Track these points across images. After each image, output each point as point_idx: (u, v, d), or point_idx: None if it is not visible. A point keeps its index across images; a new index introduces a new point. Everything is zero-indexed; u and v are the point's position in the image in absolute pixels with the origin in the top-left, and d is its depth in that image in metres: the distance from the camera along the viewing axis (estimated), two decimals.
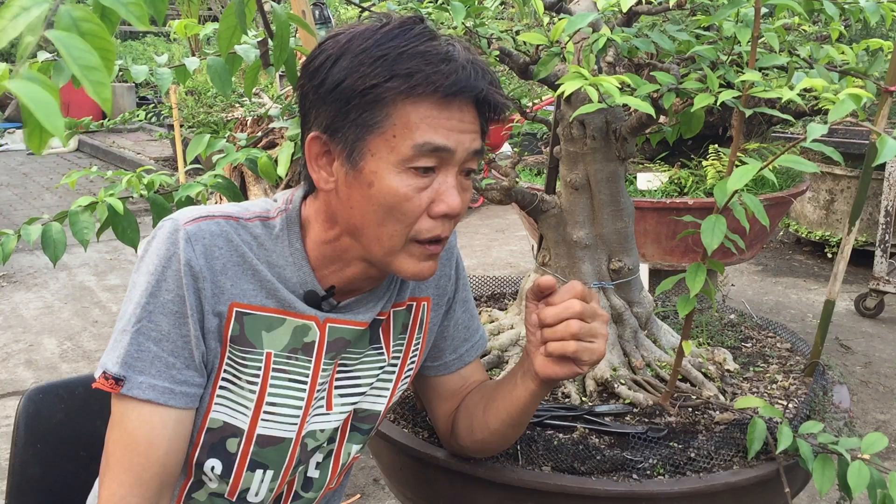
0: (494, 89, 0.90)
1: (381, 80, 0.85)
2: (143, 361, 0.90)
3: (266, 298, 0.95)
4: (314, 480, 1.09)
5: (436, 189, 0.90)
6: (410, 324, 1.10)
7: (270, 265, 0.96)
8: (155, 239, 0.93)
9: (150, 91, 8.10)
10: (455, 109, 0.88)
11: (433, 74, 0.85)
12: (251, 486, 1.01)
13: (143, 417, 0.90)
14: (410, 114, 0.87)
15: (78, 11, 0.51)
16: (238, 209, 0.98)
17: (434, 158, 0.88)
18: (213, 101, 4.80)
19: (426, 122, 0.87)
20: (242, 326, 0.95)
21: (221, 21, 1.04)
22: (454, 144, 0.88)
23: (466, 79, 0.87)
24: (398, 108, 0.86)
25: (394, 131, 0.87)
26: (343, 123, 0.88)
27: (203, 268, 0.91)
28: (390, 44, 0.86)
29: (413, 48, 0.86)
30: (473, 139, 0.91)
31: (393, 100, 0.86)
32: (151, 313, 0.90)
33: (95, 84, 0.49)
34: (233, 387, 0.96)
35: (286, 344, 0.97)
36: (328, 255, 0.97)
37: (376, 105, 0.86)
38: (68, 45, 0.49)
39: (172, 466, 0.93)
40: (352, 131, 0.88)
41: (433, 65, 0.86)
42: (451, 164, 0.90)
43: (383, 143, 0.87)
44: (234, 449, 0.98)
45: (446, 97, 0.87)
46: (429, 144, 0.87)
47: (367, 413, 1.08)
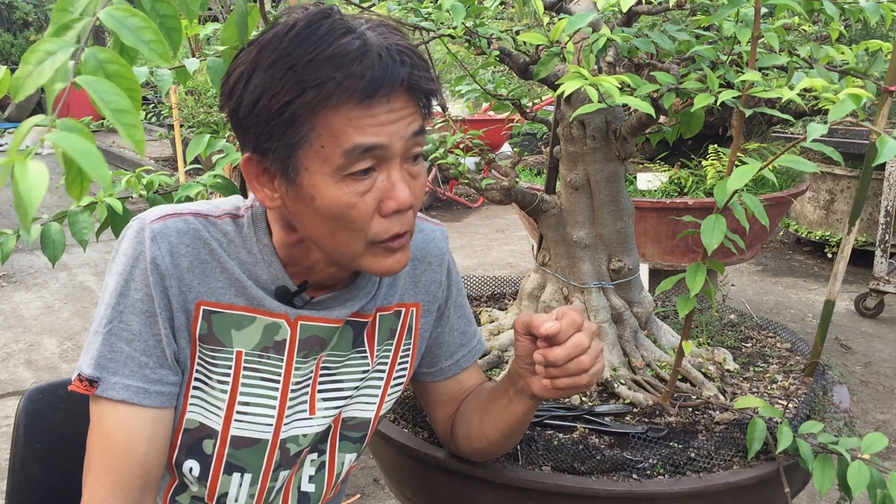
0: (417, 73, 0.84)
1: (293, 97, 0.80)
2: (115, 362, 0.90)
3: (235, 296, 0.94)
4: (310, 495, 1.07)
5: (380, 188, 0.86)
6: (398, 330, 1.08)
7: (241, 262, 0.95)
8: (123, 239, 0.92)
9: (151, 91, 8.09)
10: (382, 104, 0.83)
11: (345, 80, 0.80)
12: (229, 490, 0.99)
13: (120, 418, 0.90)
14: (333, 121, 0.82)
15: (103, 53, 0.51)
16: (208, 206, 0.97)
17: (370, 159, 0.84)
18: (213, 101, 4.80)
19: (351, 125, 0.82)
20: (210, 325, 0.94)
21: (223, 30, 1.04)
22: (386, 139, 0.84)
23: (383, 73, 0.81)
24: (319, 119, 0.82)
25: (321, 142, 0.83)
26: (269, 144, 0.84)
27: (169, 265, 0.91)
28: (297, 51, 0.81)
29: (321, 52, 0.80)
30: (409, 123, 0.86)
31: (311, 113, 0.82)
32: (122, 313, 0.90)
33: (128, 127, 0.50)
34: (205, 386, 0.96)
35: (257, 342, 0.96)
36: (295, 255, 0.95)
37: (296, 121, 0.82)
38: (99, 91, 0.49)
39: (153, 467, 0.92)
40: (280, 150, 0.84)
41: (344, 68, 0.80)
42: (390, 157, 0.85)
43: (314, 155, 0.83)
44: (209, 450, 0.97)
45: (365, 98, 0.81)
46: (359, 147, 0.82)
47: (355, 420, 1.07)
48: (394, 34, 0.84)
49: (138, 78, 1.32)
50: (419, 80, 0.84)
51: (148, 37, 0.54)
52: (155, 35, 0.54)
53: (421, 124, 0.88)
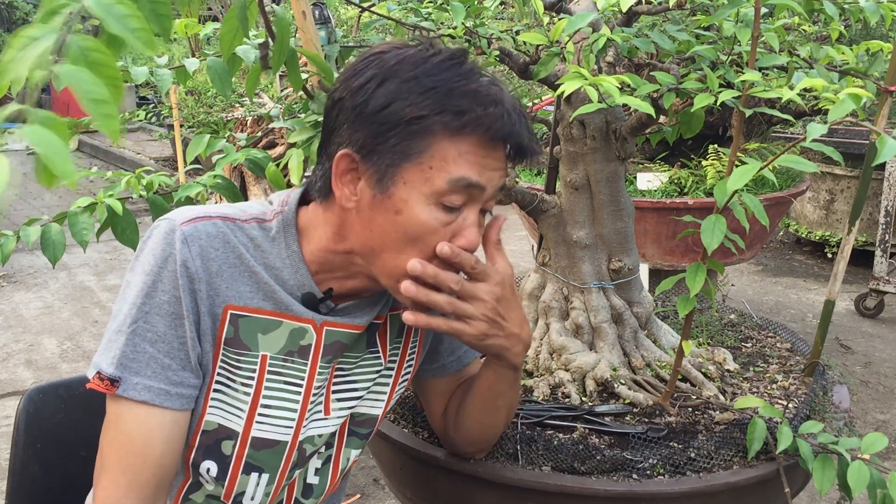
0: (531, 137, 0.92)
1: (430, 112, 0.86)
2: (138, 362, 0.90)
3: (263, 301, 0.95)
4: (314, 487, 1.09)
5: (459, 224, 0.91)
6: (407, 327, 1.10)
7: (268, 267, 0.95)
8: (151, 238, 0.92)
9: (150, 91, 8.10)
10: (495, 150, 0.90)
11: (484, 116, 0.86)
12: (246, 489, 1.00)
13: (139, 418, 0.90)
14: (450, 149, 0.87)
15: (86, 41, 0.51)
16: (235, 210, 0.97)
17: (465, 195, 0.89)
18: (213, 101, 4.80)
19: (465, 157, 0.88)
20: (237, 329, 0.94)
21: (223, 23, 1.04)
22: (486, 182, 0.90)
23: (511, 125, 0.88)
24: (441, 142, 0.87)
25: (431, 163, 0.87)
26: (380, 147, 0.88)
27: (199, 269, 0.91)
28: (441, 76, 0.87)
29: (465, 86, 0.87)
30: (502, 176, 0.93)
31: (440, 133, 0.87)
32: (147, 314, 0.90)
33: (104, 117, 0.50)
34: (227, 389, 0.96)
35: (282, 347, 0.97)
36: (332, 262, 0.96)
37: (420, 135, 0.87)
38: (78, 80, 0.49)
39: (168, 468, 0.93)
40: (388, 157, 0.88)
41: (483, 106, 0.87)
42: (478, 201, 0.91)
43: (419, 173, 0.87)
44: (228, 451, 0.98)
45: (491, 140, 0.88)
46: (464, 180, 0.88)
47: (364, 417, 1.08)
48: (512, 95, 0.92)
49: (138, 77, 1.32)
50: (531, 143, 0.92)
51: (134, 24, 0.54)
52: (141, 24, 0.54)
53: (505, 182, 0.95)
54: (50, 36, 0.50)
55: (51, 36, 0.50)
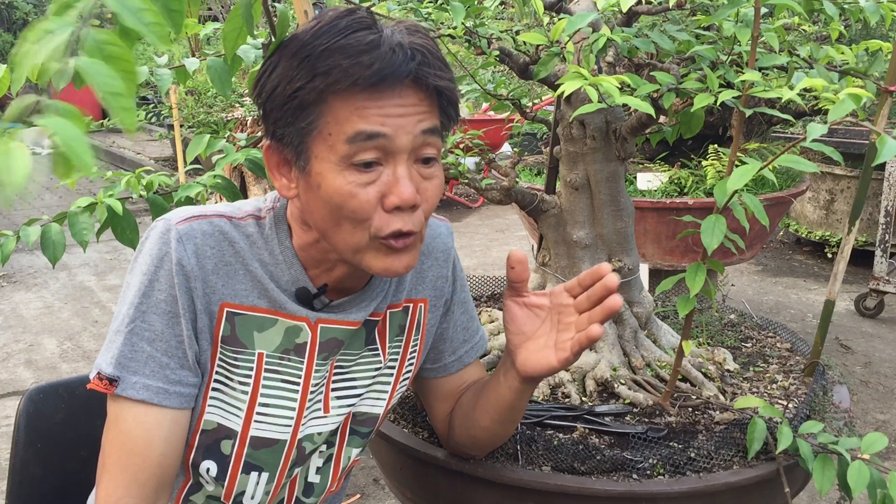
0: (426, 69, 0.85)
1: (304, 82, 0.84)
2: (136, 362, 0.90)
3: (258, 298, 0.95)
4: (315, 485, 1.09)
5: (384, 182, 0.86)
6: (407, 325, 1.10)
7: (263, 264, 0.95)
8: (148, 239, 0.93)
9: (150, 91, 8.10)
10: (390, 95, 0.84)
11: (351, 67, 0.82)
12: (246, 488, 1.00)
13: (139, 418, 0.90)
14: (340, 109, 0.84)
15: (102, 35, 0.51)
16: (231, 209, 0.97)
17: (373, 150, 0.85)
18: (213, 101, 4.80)
19: (357, 113, 0.84)
20: (233, 327, 0.94)
21: (227, 21, 1.04)
22: (392, 130, 0.85)
23: (390, 65, 0.82)
24: (327, 106, 0.84)
25: (328, 129, 0.85)
26: (285, 130, 0.87)
27: (194, 267, 0.91)
28: (315, 42, 0.84)
29: (334, 43, 0.83)
30: (419, 120, 0.86)
31: (320, 99, 0.84)
32: (145, 313, 0.90)
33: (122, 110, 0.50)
34: (225, 388, 0.96)
35: (278, 345, 0.97)
36: (315, 256, 0.96)
37: (307, 107, 0.85)
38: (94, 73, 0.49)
39: (169, 467, 0.93)
40: (294, 136, 0.87)
41: (352, 57, 0.82)
42: (395, 151, 0.86)
43: (322, 142, 0.86)
44: (228, 451, 0.98)
45: (372, 86, 0.83)
46: (361, 134, 0.84)
47: (365, 416, 1.08)
48: (416, 35, 0.87)
49: (138, 77, 1.32)
50: (427, 75, 0.85)
51: (149, 19, 0.54)
52: (156, 17, 0.54)
53: (434, 124, 0.89)
54: (65, 29, 0.50)
55: (66, 29, 0.50)
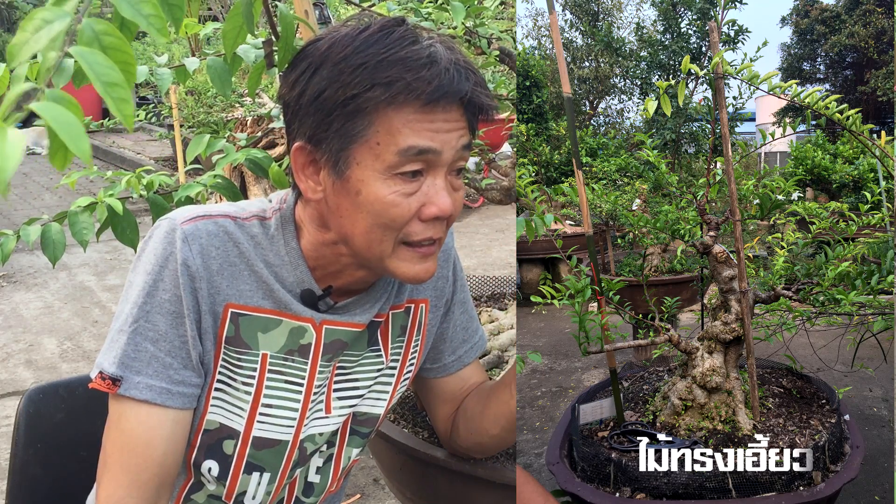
0: (479, 90, 0.88)
1: (361, 90, 0.84)
2: (140, 362, 0.90)
3: (262, 299, 0.95)
4: (315, 485, 1.09)
5: (425, 192, 0.88)
6: (409, 326, 1.10)
7: (268, 264, 0.95)
8: (152, 238, 0.92)
9: (150, 91, 8.10)
10: (439, 111, 0.87)
11: (414, 81, 0.84)
12: (248, 488, 1.00)
13: (141, 418, 0.90)
14: (393, 120, 0.85)
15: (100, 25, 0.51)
16: (235, 209, 0.97)
17: (420, 162, 0.87)
18: (213, 101, 4.80)
19: (409, 126, 0.85)
20: (238, 327, 0.94)
21: (227, 20, 1.04)
22: (440, 145, 0.87)
23: (449, 83, 0.85)
24: (380, 116, 0.85)
25: (377, 139, 0.86)
26: (326, 134, 0.87)
27: (200, 268, 0.91)
28: (370, 50, 0.85)
29: (393, 54, 0.84)
30: (461, 136, 0.89)
31: (375, 109, 0.85)
32: (149, 313, 0.90)
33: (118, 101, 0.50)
34: (228, 388, 0.96)
35: (282, 345, 0.97)
36: (326, 256, 0.96)
37: (358, 114, 0.85)
38: (91, 62, 0.49)
39: (170, 467, 0.93)
40: (335, 141, 0.87)
41: (414, 71, 0.84)
42: (438, 165, 0.88)
43: (367, 151, 0.86)
44: (230, 451, 0.98)
45: (429, 102, 0.85)
46: (413, 148, 0.85)
47: (366, 416, 1.08)
48: (457, 52, 0.89)
49: (138, 76, 1.32)
50: (480, 96, 0.88)
51: (147, 10, 0.54)
52: (154, 9, 0.54)
53: (470, 140, 0.91)
54: (63, 19, 0.50)
55: (64, 19, 0.50)
